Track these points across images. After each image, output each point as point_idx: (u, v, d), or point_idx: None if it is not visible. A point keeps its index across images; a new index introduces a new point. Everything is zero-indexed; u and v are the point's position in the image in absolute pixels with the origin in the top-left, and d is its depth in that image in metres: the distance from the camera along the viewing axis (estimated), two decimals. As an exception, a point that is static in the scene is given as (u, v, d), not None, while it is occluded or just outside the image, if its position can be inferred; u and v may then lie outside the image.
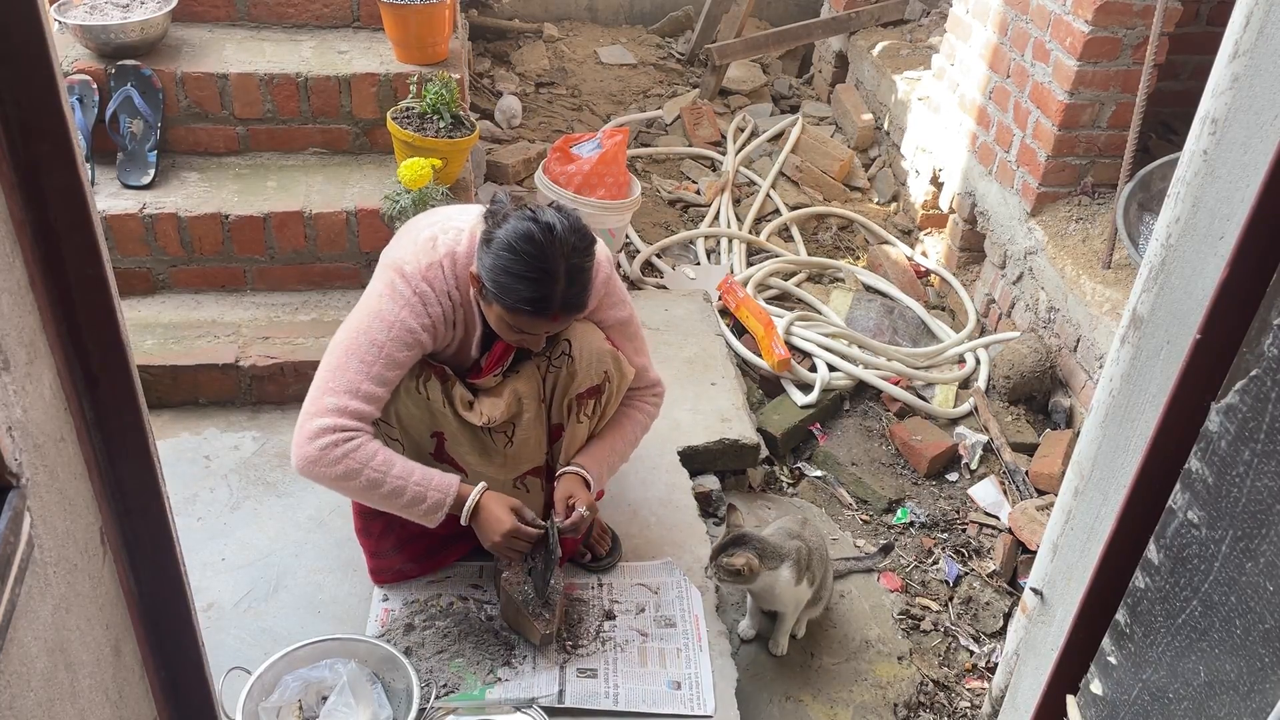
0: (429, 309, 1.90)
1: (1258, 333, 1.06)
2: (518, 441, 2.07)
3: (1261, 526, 1.04)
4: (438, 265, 1.91)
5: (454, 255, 1.92)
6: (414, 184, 2.65)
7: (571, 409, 2.07)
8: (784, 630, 2.29)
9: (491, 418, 2.01)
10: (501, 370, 2.03)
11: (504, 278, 1.79)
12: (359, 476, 1.86)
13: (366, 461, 1.86)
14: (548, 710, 1.98)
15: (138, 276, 2.81)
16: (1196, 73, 3.38)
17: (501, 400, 2.02)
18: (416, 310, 1.89)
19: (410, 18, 2.92)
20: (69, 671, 1.05)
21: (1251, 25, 1.22)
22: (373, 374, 1.87)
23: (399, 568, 2.21)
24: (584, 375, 2.03)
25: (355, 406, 1.86)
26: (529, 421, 2.06)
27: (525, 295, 1.79)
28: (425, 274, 1.90)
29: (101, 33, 2.83)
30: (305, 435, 1.86)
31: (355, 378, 1.87)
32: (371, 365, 1.87)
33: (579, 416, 2.08)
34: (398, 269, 1.91)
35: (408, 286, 1.89)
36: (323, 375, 1.90)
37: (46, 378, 1.04)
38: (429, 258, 1.91)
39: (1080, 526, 1.65)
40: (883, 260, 3.74)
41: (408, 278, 1.89)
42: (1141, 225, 2.90)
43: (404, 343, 1.89)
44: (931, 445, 2.97)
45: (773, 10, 5.29)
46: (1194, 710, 1.16)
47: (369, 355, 1.87)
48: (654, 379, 2.21)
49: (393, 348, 1.88)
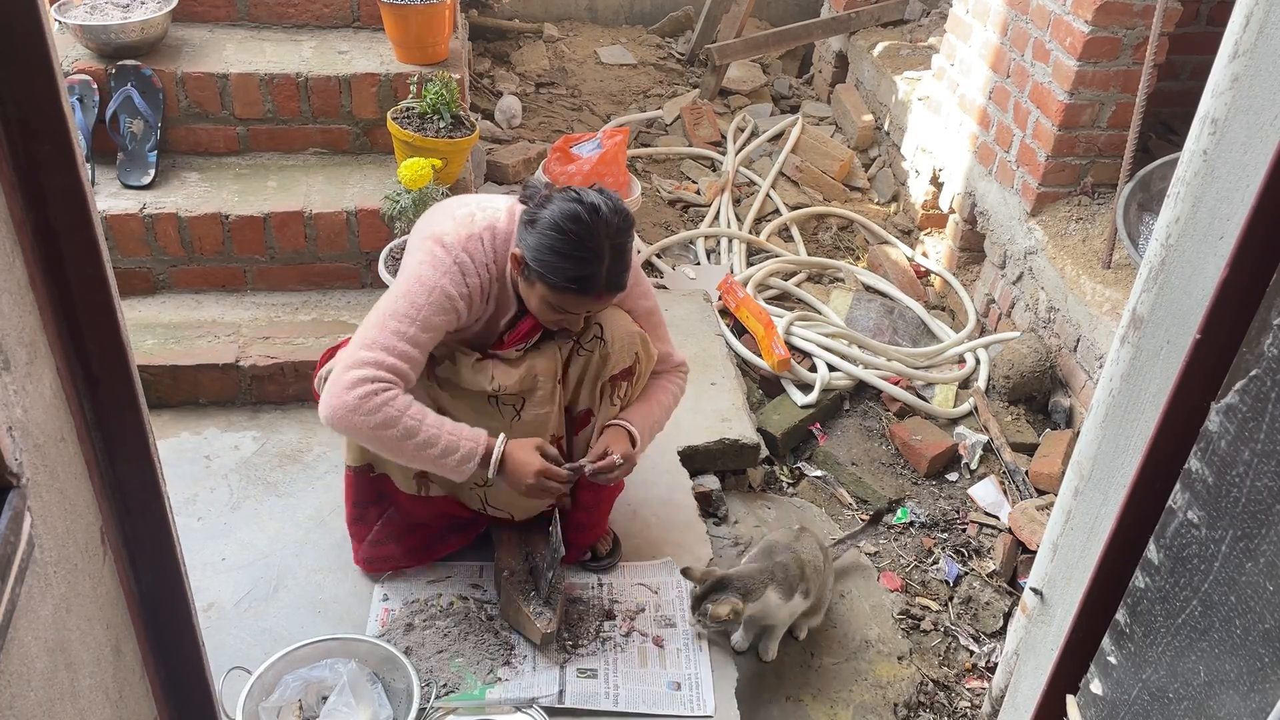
0: (468, 279, 1.92)
1: (1258, 333, 1.06)
2: (525, 417, 2.06)
3: (1261, 526, 1.04)
4: (477, 238, 1.94)
5: (494, 229, 1.95)
6: (414, 184, 2.65)
7: (605, 392, 2.09)
8: (775, 638, 2.28)
9: (503, 385, 2.01)
10: (525, 347, 2.03)
11: (550, 256, 1.83)
12: (396, 425, 1.84)
13: (405, 410, 1.85)
14: (548, 710, 1.98)
15: (138, 276, 2.81)
16: (1196, 73, 3.38)
17: (517, 371, 2.02)
18: (455, 279, 1.90)
19: (410, 18, 2.92)
20: (69, 671, 1.05)
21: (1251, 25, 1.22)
22: (409, 335, 1.88)
23: (395, 557, 2.21)
24: (617, 357, 2.05)
25: (391, 363, 1.86)
26: (541, 399, 2.05)
27: (572, 274, 1.84)
28: (465, 245, 1.92)
29: (101, 33, 2.83)
30: (343, 385, 1.84)
31: (392, 337, 1.87)
32: (409, 326, 1.88)
33: (612, 399, 2.10)
34: (437, 239, 1.93)
35: (448, 255, 1.91)
36: (361, 334, 1.91)
37: (47, 378, 1.04)
38: (468, 230, 1.94)
39: (1080, 526, 1.65)
40: (883, 260, 3.74)
41: (448, 247, 1.92)
42: (1141, 225, 2.90)
43: (441, 307, 1.90)
44: (931, 445, 2.97)
45: (773, 10, 5.29)
46: (1194, 710, 1.16)
47: (407, 316, 1.88)
48: (679, 360, 2.23)
49: (430, 311, 1.89)
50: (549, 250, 1.83)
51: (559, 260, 1.83)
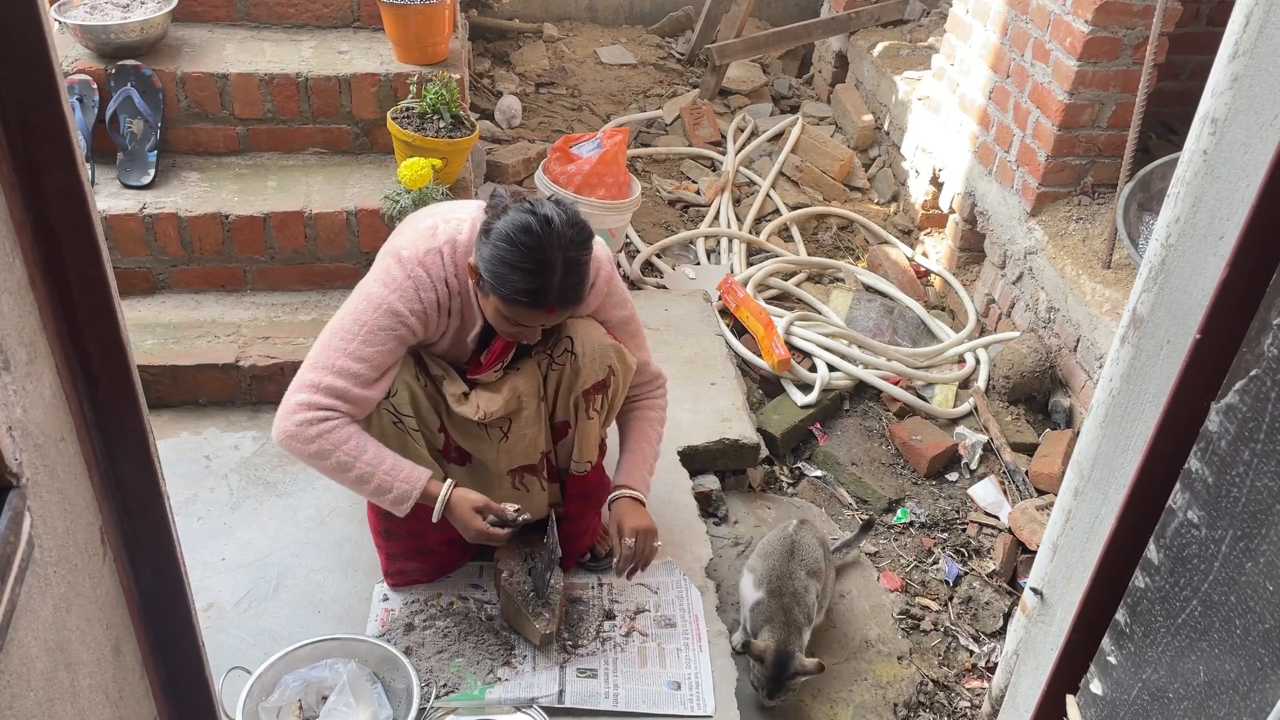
0: (422, 294, 1.91)
1: (1258, 333, 1.06)
2: (512, 437, 2.06)
3: (1261, 526, 1.04)
4: (436, 251, 1.92)
5: (454, 243, 1.94)
6: (414, 184, 2.65)
7: (579, 406, 2.07)
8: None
9: (488, 412, 2.00)
10: (502, 366, 2.03)
11: (501, 268, 1.81)
12: (330, 457, 1.88)
13: (339, 444, 1.88)
14: (548, 710, 1.98)
15: (138, 276, 2.81)
16: (1196, 73, 3.38)
17: (500, 396, 2.01)
18: (407, 294, 1.90)
19: (410, 18, 2.92)
20: (69, 671, 1.05)
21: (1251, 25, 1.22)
22: (350, 349, 1.89)
23: (413, 570, 2.21)
24: (589, 371, 2.03)
25: (330, 382, 1.88)
26: (527, 418, 2.05)
27: (521, 286, 1.81)
28: (422, 259, 1.91)
29: (101, 33, 2.83)
30: (285, 409, 1.90)
31: (333, 354, 1.89)
32: (350, 341, 1.89)
33: (588, 412, 2.08)
34: (395, 255, 1.93)
35: (402, 270, 1.91)
36: (310, 353, 1.94)
37: (46, 378, 1.04)
38: (427, 244, 1.93)
39: (1080, 526, 1.66)
40: (883, 260, 3.74)
41: (404, 262, 1.91)
42: (1141, 225, 2.90)
43: (387, 324, 1.89)
44: (931, 445, 2.97)
45: (773, 10, 5.29)
46: (1194, 710, 1.16)
47: (349, 333, 1.89)
48: (655, 372, 2.23)
49: (374, 327, 1.89)
50: (500, 262, 1.80)
51: (509, 272, 1.80)
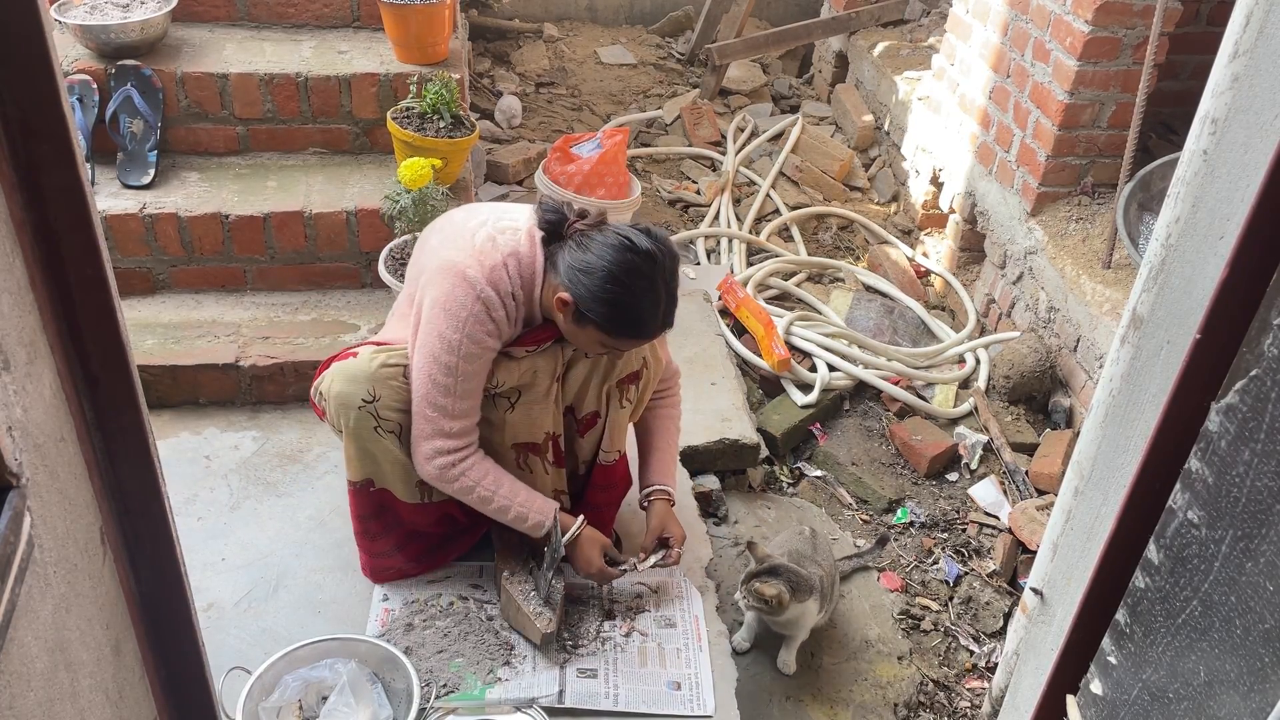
0: (493, 314, 1.91)
1: (1258, 333, 1.06)
2: (518, 409, 2.06)
3: (1261, 526, 1.04)
4: (500, 267, 1.90)
5: (517, 255, 1.92)
6: (414, 184, 2.64)
7: (611, 395, 2.11)
8: (793, 649, 2.29)
9: (503, 381, 2.02)
10: (535, 351, 2.03)
11: (610, 310, 1.86)
12: (472, 493, 2.02)
13: (479, 480, 2.01)
14: (548, 710, 1.98)
15: (138, 276, 2.81)
16: (1196, 73, 3.38)
17: (517, 369, 2.02)
18: (481, 320, 1.90)
19: (410, 18, 2.92)
20: (69, 671, 1.05)
21: (1251, 25, 1.22)
22: (457, 390, 1.95)
23: (399, 566, 2.21)
24: (625, 361, 2.09)
25: (451, 426, 1.97)
26: (537, 394, 2.05)
27: (633, 324, 1.89)
28: (490, 277, 1.89)
29: (101, 33, 2.83)
30: (422, 456, 2.00)
31: (444, 402, 1.95)
32: (451, 389, 1.94)
33: (621, 401, 2.12)
34: (459, 273, 1.89)
35: (471, 293, 1.88)
36: (417, 396, 1.97)
37: (46, 378, 1.04)
38: (491, 258, 1.90)
39: (1080, 526, 1.66)
40: (883, 260, 3.74)
41: (472, 282, 1.88)
42: (1141, 225, 2.90)
43: (473, 352, 1.92)
44: (931, 445, 2.97)
45: (773, 10, 5.29)
46: (1194, 710, 1.16)
47: (447, 380, 1.94)
48: (675, 368, 2.32)
49: (465, 367, 1.93)
50: (609, 304, 1.84)
51: (619, 312, 1.86)
